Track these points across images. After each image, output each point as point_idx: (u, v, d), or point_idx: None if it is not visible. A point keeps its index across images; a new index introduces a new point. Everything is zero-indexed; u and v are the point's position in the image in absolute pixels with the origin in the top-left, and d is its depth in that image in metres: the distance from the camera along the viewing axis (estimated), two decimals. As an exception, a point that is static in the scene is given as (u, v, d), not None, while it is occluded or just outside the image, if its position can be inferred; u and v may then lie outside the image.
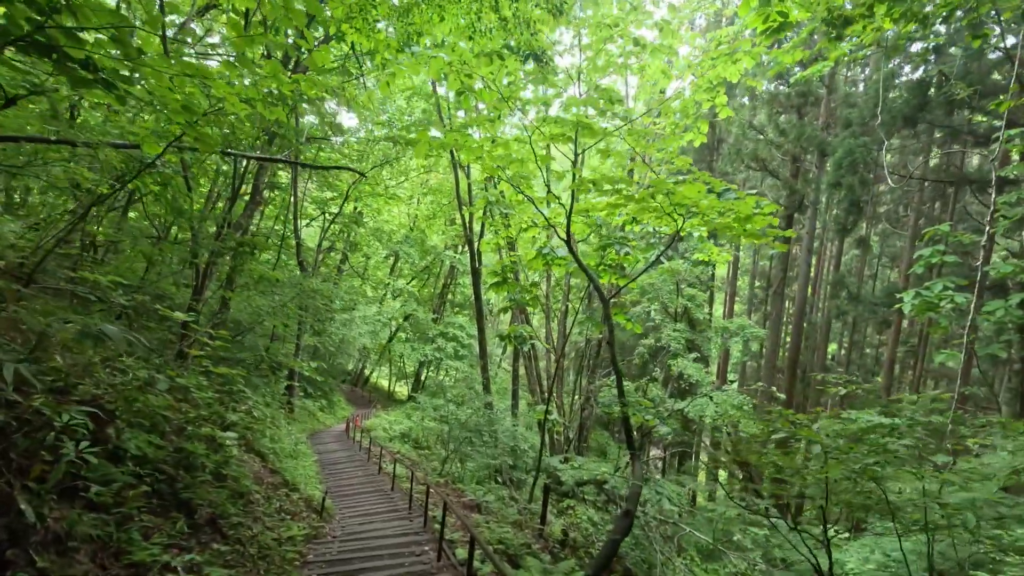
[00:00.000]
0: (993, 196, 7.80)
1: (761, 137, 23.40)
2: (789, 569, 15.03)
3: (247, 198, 14.24)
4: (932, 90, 17.50)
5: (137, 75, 3.61)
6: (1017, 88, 7.30)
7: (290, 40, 8.38)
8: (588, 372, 21.44)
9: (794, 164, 23.58)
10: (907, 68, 21.08)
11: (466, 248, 38.40)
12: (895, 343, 24.14)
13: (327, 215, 26.57)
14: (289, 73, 5.69)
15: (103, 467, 4.31)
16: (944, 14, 6.25)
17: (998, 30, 8.75)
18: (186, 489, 5.28)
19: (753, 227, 6.37)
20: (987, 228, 8.19)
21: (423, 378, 41.46)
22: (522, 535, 9.66)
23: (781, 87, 24.56)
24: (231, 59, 5.08)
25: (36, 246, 7.40)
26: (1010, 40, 10.04)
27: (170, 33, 9.18)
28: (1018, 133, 7.58)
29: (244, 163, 12.55)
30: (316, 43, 12.07)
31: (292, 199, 22.07)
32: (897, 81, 20.58)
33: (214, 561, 4.75)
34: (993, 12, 6.94)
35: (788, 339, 27.35)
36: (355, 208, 30.29)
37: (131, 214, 11.78)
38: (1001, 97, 9.14)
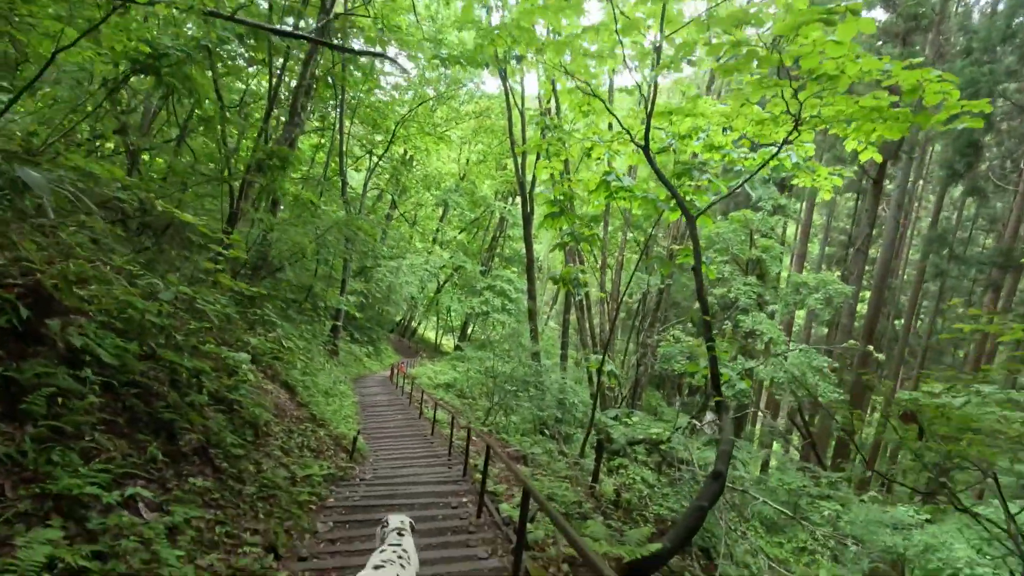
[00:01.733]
0: None
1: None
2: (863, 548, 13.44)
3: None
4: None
5: None
6: None
7: None
8: (645, 326, 19.87)
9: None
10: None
11: (516, 199, 37.05)
12: (993, 310, 21.21)
13: (374, 155, 25.49)
14: None
15: (41, 369, 3.25)
16: None
17: None
18: (169, 410, 4.25)
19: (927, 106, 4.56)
20: None
21: (469, 332, 40.95)
22: (573, 492, 8.48)
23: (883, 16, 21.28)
24: None
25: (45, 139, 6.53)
26: None
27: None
28: None
29: (280, 71, 11.38)
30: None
31: (338, 131, 20.93)
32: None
33: (186, 498, 3.72)
34: None
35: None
36: (404, 152, 29.17)
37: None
38: None
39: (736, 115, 7.56)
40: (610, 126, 11.07)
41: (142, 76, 8.16)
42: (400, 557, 3.00)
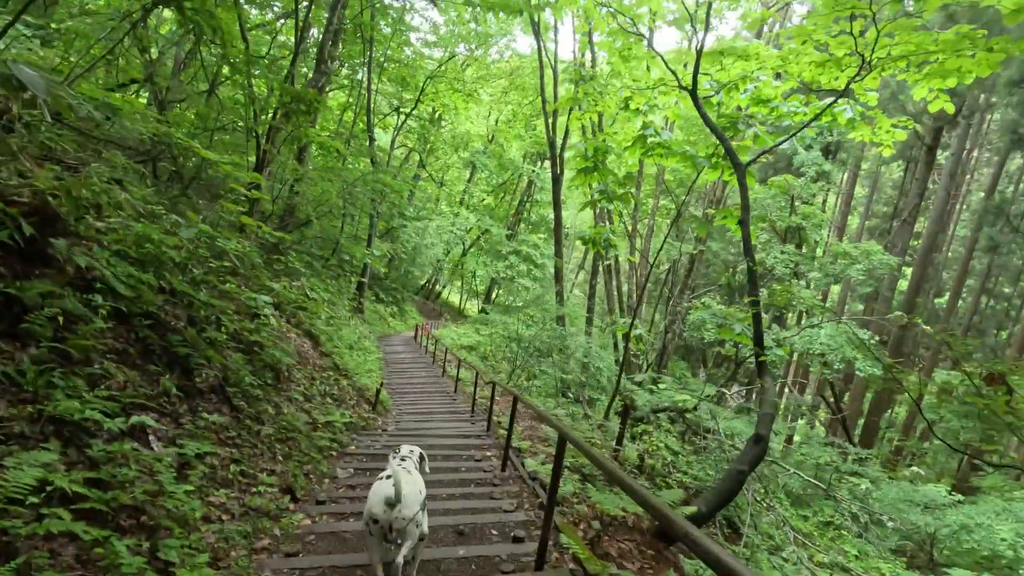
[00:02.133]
0: None
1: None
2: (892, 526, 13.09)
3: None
4: None
5: None
6: None
7: None
8: (675, 293, 19.34)
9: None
10: None
11: (545, 162, 36.23)
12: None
13: (402, 112, 24.98)
14: None
15: (45, 289, 3.05)
16: None
17: None
18: (186, 345, 4.06)
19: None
20: None
21: (494, 297, 40.81)
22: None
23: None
24: None
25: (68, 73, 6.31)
26: None
27: None
28: None
29: (307, 11, 10.94)
30: None
31: (365, 88, 20.46)
32: None
33: (199, 434, 3.54)
34: None
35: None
36: (433, 111, 28.58)
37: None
38: None
39: (794, 58, 6.92)
40: (649, 68, 10.37)
41: (164, 10, 7.86)
42: (408, 471, 2.98)
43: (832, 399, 21.31)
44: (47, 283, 3.12)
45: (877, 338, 15.67)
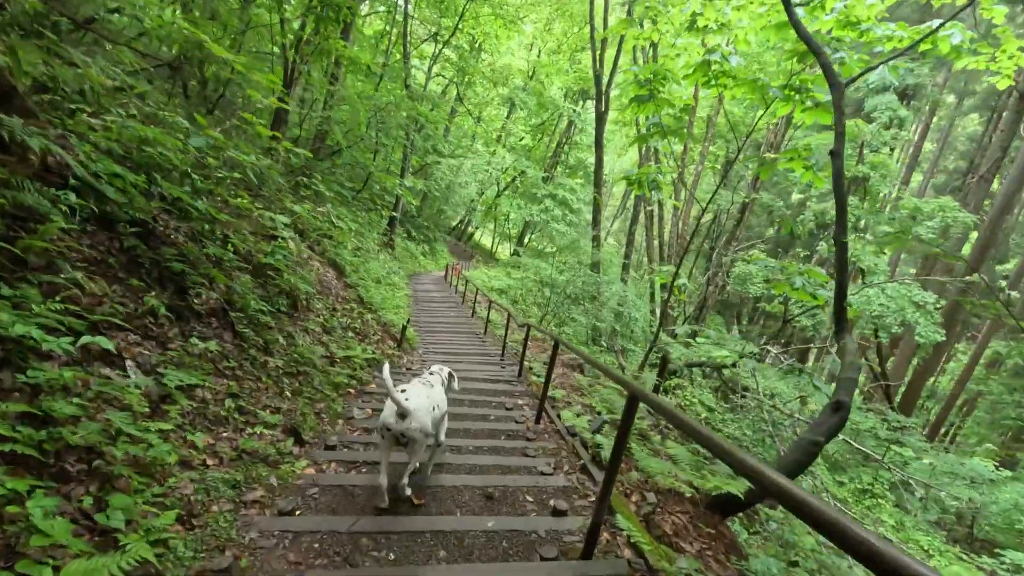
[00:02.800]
0: None
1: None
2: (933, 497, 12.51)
3: None
4: None
5: None
6: None
7: None
8: (720, 244, 18.23)
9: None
10: None
11: (586, 103, 34.32)
12: None
13: (439, 39, 23.56)
14: None
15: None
16: None
17: None
18: (182, 260, 3.51)
19: None
20: None
21: (526, 241, 39.99)
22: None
23: None
24: None
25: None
26: None
27: None
28: None
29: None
30: None
31: (401, 12, 19.15)
32: None
33: (191, 363, 3.02)
34: None
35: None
36: (472, 39, 26.97)
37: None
38: None
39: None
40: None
41: None
42: (430, 385, 3.27)
43: (879, 365, 20.25)
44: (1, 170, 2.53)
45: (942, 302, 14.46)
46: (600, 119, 18.87)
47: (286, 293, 5.11)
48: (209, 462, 2.63)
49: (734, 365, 11.73)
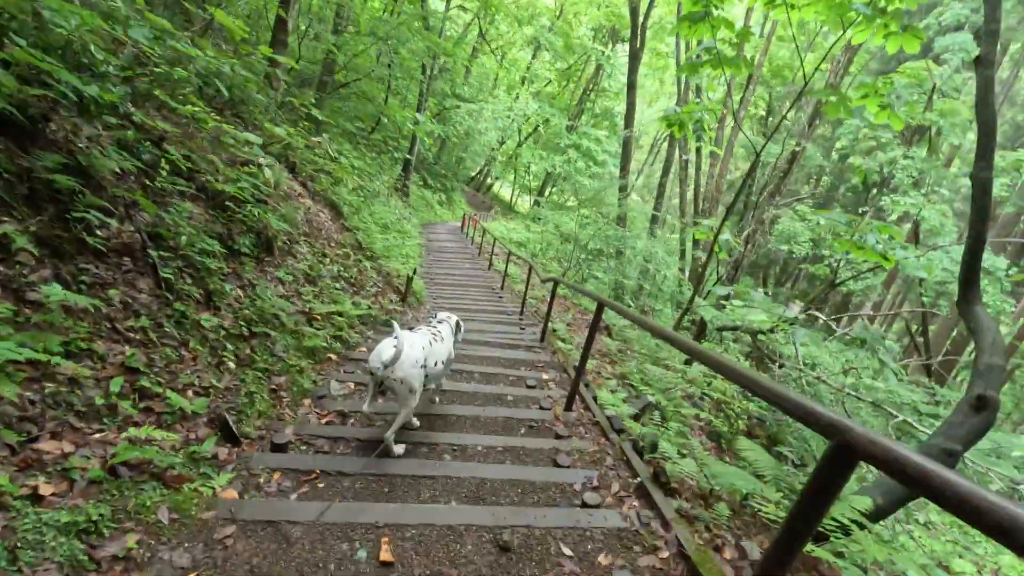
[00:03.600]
0: None
1: None
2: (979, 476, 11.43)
3: None
4: None
5: None
6: None
7: None
8: (762, 198, 16.68)
9: None
10: None
11: (615, 46, 31.91)
12: None
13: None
14: None
15: None
16: None
17: None
18: (75, 173, 2.45)
19: None
20: None
21: (547, 193, 38.39)
22: (674, 376, 6.61)
23: None
24: None
25: None
26: None
27: None
28: None
29: None
30: None
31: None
32: None
33: (58, 321, 2.00)
34: None
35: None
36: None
37: None
38: None
39: None
40: None
41: None
42: (434, 334, 3.12)
43: (921, 336, 18.89)
44: None
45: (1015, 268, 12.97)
46: (635, 56, 17.13)
47: (256, 232, 4.07)
48: (43, 492, 1.63)
49: (771, 330, 10.53)
